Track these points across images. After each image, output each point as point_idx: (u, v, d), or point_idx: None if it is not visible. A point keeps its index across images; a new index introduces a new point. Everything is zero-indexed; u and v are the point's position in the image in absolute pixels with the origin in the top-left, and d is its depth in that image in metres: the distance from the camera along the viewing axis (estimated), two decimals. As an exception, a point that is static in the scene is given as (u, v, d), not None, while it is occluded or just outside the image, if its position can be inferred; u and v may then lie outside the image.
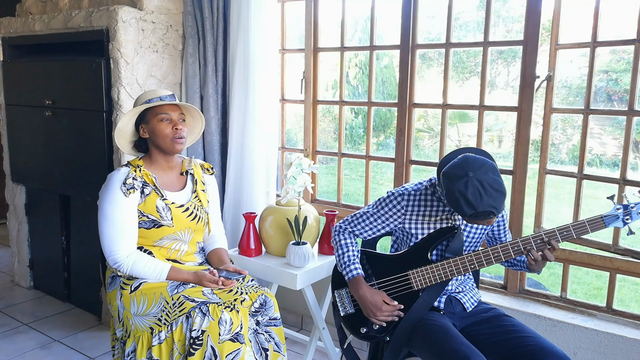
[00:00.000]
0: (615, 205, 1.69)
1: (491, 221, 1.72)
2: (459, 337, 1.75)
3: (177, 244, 2.08)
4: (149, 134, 2.04)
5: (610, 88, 8.92)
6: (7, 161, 3.56)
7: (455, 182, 1.66)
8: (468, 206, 1.65)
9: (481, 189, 1.63)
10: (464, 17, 9.78)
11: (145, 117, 2.04)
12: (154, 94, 2.04)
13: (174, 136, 2.01)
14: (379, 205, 1.96)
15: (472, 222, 1.74)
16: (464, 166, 1.68)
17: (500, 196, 1.65)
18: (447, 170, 1.72)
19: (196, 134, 2.25)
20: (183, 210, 2.06)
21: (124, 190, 1.96)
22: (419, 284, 1.87)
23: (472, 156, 1.72)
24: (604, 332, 2.20)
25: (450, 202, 1.71)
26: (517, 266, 1.99)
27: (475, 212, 1.65)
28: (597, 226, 1.70)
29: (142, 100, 2.04)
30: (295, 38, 3.89)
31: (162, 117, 2.01)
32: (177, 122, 2.03)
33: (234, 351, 1.82)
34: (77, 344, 2.90)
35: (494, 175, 1.66)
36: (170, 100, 2.03)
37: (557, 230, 1.74)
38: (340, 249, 1.99)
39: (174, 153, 2.08)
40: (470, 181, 1.64)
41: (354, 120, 10.33)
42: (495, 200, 1.64)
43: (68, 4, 3.28)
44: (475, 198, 1.63)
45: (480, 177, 1.64)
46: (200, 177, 2.19)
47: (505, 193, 1.68)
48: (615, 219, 1.68)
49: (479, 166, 1.67)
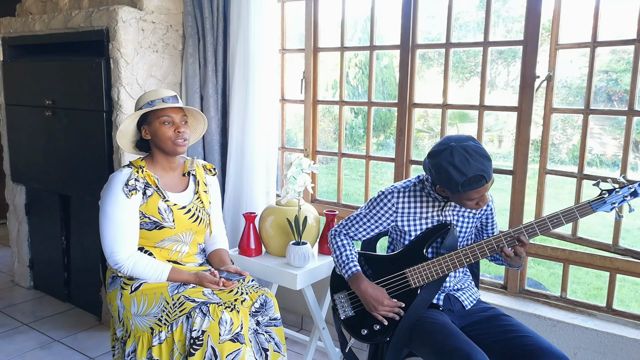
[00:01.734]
0: (602, 191, 1.73)
1: (485, 192, 1.74)
2: (459, 334, 1.76)
3: (178, 246, 2.08)
4: (151, 136, 2.03)
5: (610, 88, 8.92)
6: (7, 161, 3.56)
7: (440, 154, 1.73)
8: (458, 173, 1.69)
9: (466, 154, 1.70)
10: (464, 17, 9.78)
11: (147, 118, 2.02)
12: (156, 94, 2.02)
13: (176, 139, 2.00)
14: (371, 205, 1.98)
15: (467, 197, 1.75)
16: (445, 141, 1.77)
17: (486, 160, 1.71)
18: (431, 150, 1.80)
19: (198, 134, 2.24)
20: (185, 212, 2.06)
21: (126, 191, 1.95)
22: (417, 282, 1.88)
23: (451, 135, 1.82)
24: (604, 332, 2.20)
25: (440, 178, 1.75)
26: (498, 260, 2.03)
27: (467, 178, 1.68)
28: (585, 211, 1.73)
29: (144, 101, 2.02)
30: (295, 38, 3.89)
31: (165, 119, 1.99)
32: (179, 125, 2.01)
33: (234, 351, 1.82)
34: (77, 344, 2.90)
35: (475, 143, 1.75)
36: (173, 102, 2.01)
37: (547, 218, 1.75)
38: (337, 250, 2.00)
39: (176, 155, 2.06)
40: (455, 149, 1.71)
41: (354, 120, 10.33)
42: (482, 164, 1.70)
43: (68, 4, 3.28)
44: (463, 164, 1.69)
45: (463, 145, 1.72)
46: (202, 178, 2.18)
47: (490, 159, 1.73)
48: (602, 204, 1.72)
49: (458, 137, 1.76)
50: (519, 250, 1.78)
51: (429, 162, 1.78)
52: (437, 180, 1.77)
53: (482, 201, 1.78)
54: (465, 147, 1.71)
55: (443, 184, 1.76)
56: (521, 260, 1.84)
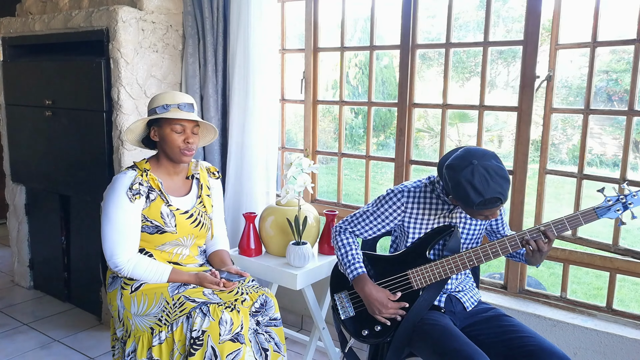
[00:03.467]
0: (607, 197, 1.74)
1: (497, 210, 1.74)
2: (461, 336, 1.75)
3: (178, 249, 2.08)
4: (159, 139, 2.01)
5: (610, 88, 8.92)
6: (7, 161, 3.56)
7: (461, 171, 1.70)
8: (476, 193, 1.67)
9: (487, 175, 1.67)
10: (464, 17, 9.78)
11: (158, 120, 2.00)
12: (172, 99, 1.97)
13: (184, 148, 1.99)
14: (379, 203, 1.96)
15: (479, 213, 1.75)
16: (467, 156, 1.72)
17: (505, 182, 1.69)
18: (451, 162, 1.75)
19: (206, 142, 2.22)
20: (187, 216, 2.05)
21: (130, 195, 1.93)
22: (419, 283, 1.87)
23: (473, 147, 1.78)
24: (604, 332, 2.20)
25: (457, 193, 1.73)
26: (515, 258, 2.01)
27: (483, 200, 1.67)
28: (589, 218, 1.74)
29: (159, 102, 1.97)
30: (295, 38, 3.89)
31: (177, 128, 1.97)
32: (189, 135, 1.99)
33: (234, 351, 1.82)
34: (77, 344, 2.90)
35: (497, 162, 1.72)
36: (188, 110, 1.98)
37: (551, 223, 1.77)
38: (343, 248, 1.98)
39: (181, 163, 2.05)
40: (476, 169, 1.68)
41: (354, 120, 10.33)
42: (501, 187, 1.68)
43: (68, 4, 3.28)
44: (482, 185, 1.66)
45: (485, 164, 1.69)
46: (205, 181, 2.17)
47: (510, 180, 1.72)
48: (607, 211, 1.74)
49: (482, 154, 1.72)
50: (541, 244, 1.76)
51: (447, 174, 1.75)
52: (453, 194, 1.75)
53: (492, 216, 1.77)
54: (487, 167, 1.68)
55: (458, 199, 1.75)
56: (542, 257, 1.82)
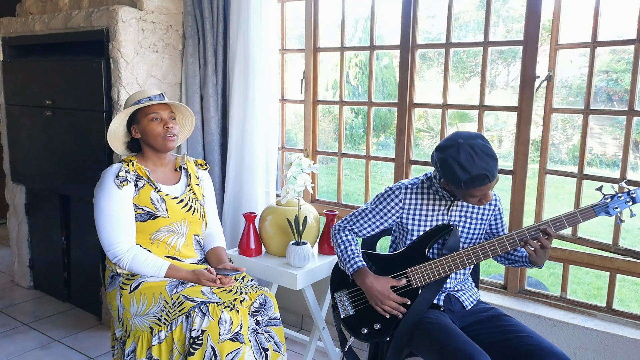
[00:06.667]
0: (605, 196, 1.75)
1: (488, 190, 1.75)
2: (461, 335, 1.75)
3: (173, 238, 2.09)
4: (140, 134, 2.09)
5: (610, 88, 8.92)
6: (7, 161, 3.56)
7: (447, 149, 1.74)
8: (462, 170, 1.70)
9: (473, 152, 1.70)
10: (464, 17, 9.79)
11: (135, 117, 2.09)
12: (142, 94, 2.09)
13: (166, 134, 2.06)
14: (377, 201, 1.98)
15: (470, 194, 1.76)
16: (454, 137, 1.78)
17: (492, 160, 1.72)
18: (439, 145, 1.81)
19: (187, 132, 2.30)
20: (178, 201, 2.09)
21: (117, 183, 1.99)
22: (418, 282, 1.88)
23: (461, 131, 1.82)
24: (604, 332, 2.20)
25: (445, 173, 1.76)
26: (518, 262, 1.99)
27: (470, 176, 1.69)
28: (587, 215, 1.75)
29: (131, 102, 2.09)
30: (295, 38, 3.90)
31: (152, 116, 2.06)
32: (167, 120, 2.08)
33: (234, 351, 1.82)
34: (77, 344, 2.90)
35: (484, 142, 1.75)
36: (159, 99, 2.08)
37: (549, 221, 1.78)
38: (342, 245, 1.99)
39: (167, 151, 2.12)
40: (462, 147, 1.72)
41: (354, 120, 10.34)
42: (487, 163, 1.70)
43: (68, 4, 3.28)
44: (468, 161, 1.69)
45: (471, 142, 1.73)
46: (194, 172, 2.24)
47: (497, 158, 1.74)
48: (605, 208, 1.74)
49: (468, 135, 1.77)
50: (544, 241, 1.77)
51: (436, 156, 1.80)
52: (442, 174, 1.79)
53: (484, 199, 1.79)
54: (473, 145, 1.72)
55: (447, 179, 1.78)
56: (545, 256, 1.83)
